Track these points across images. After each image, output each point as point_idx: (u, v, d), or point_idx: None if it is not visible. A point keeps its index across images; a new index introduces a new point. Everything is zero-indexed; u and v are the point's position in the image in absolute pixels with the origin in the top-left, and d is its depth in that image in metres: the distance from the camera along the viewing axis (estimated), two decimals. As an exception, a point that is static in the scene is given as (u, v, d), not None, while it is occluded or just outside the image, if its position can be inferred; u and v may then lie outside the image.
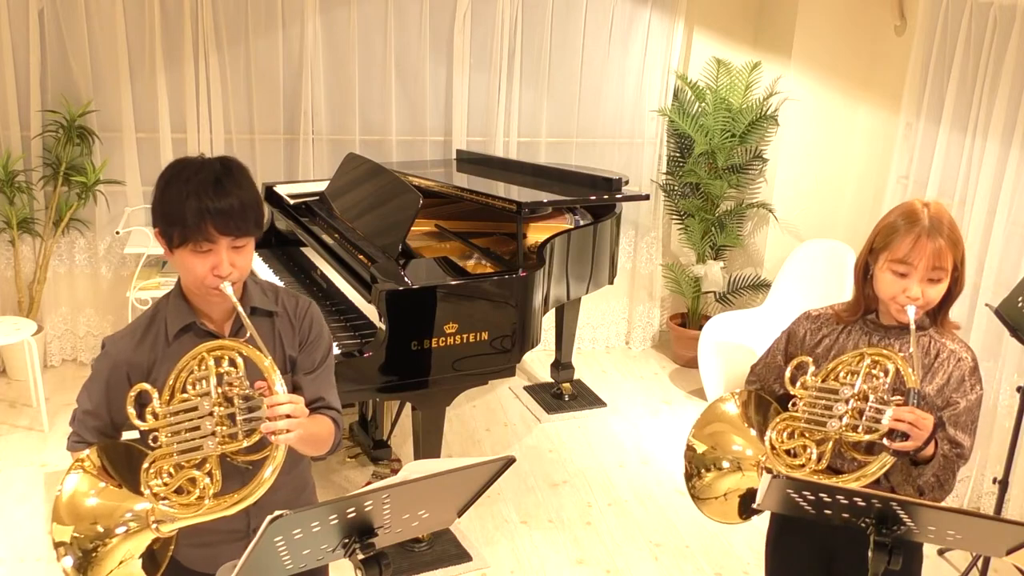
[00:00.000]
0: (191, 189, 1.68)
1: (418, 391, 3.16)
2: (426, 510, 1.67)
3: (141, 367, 1.77)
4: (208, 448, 1.65)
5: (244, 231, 1.72)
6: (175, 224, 1.69)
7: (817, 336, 2.06)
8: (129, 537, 1.65)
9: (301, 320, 1.90)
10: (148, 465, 1.67)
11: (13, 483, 3.69)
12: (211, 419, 1.65)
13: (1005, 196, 3.81)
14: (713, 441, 2.04)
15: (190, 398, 1.68)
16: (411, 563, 3.29)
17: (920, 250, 1.85)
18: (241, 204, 1.70)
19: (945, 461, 1.86)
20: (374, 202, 3.58)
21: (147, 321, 1.82)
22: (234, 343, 1.71)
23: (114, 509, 1.66)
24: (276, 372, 1.68)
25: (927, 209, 1.89)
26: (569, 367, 4.70)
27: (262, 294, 1.87)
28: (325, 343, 1.93)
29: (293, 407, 1.66)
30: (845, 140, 5.08)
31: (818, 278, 4.70)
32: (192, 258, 1.71)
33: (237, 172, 1.75)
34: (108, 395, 1.78)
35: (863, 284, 2.00)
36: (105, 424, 1.80)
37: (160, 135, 4.49)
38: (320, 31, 4.55)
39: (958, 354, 1.93)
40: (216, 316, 1.82)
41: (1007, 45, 3.81)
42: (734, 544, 3.58)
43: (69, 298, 4.65)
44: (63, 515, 1.64)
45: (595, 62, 4.98)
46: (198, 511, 1.65)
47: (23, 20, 4.21)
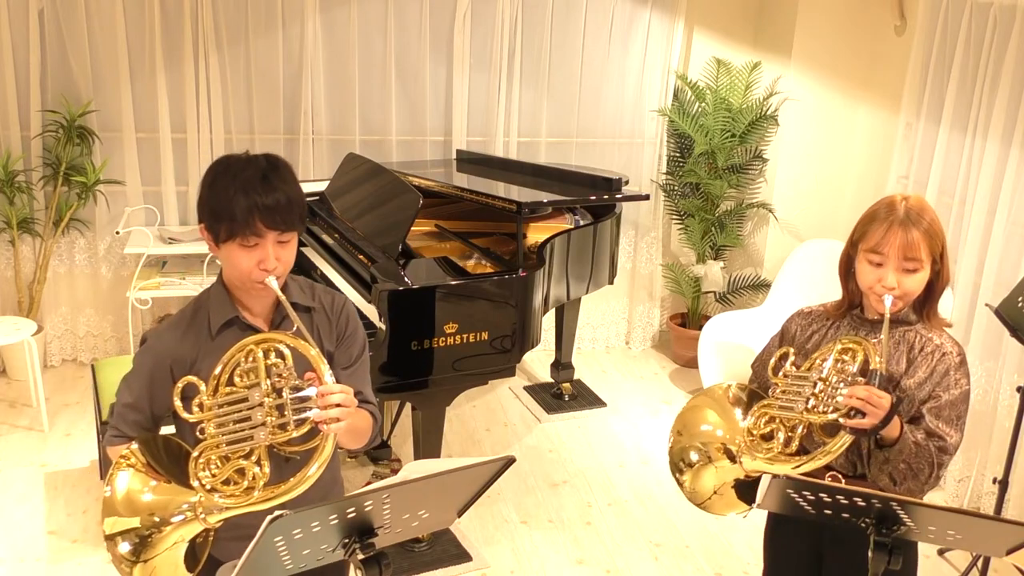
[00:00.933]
0: (239, 185, 1.72)
1: (418, 391, 3.16)
2: (426, 510, 1.68)
3: (184, 361, 1.80)
4: (259, 438, 1.67)
5: (290, 226, 1.77)
6: (223, 219, 1.72)
7: (808, 332, 2.10)
8: (182, 525, 1.68)
9: (338, 316, 1.94)
10: (197, 455, 1.69)
11: (13, 483, 3.70)
12: (261, 409, 1.68)
13: (1005, 196, 3.81)
14: (681, 425, 2.08)
15: (237, 390, 1.71)
16: (411, 563, 3.29)
17: (891, 239, 1.89)
18: (288, 199, 1.75)
19: (918, 450, 1.87)
20: (374, 202, 3.58)
21: (190, 315, 1.85)
22: (281, 335, 1.73)
23: (169, 502, 1.68)
24: (324, 362, 1.71)
25: (905, 201, 1.93)
26: (569, 367, 4.70)
27: (300, 290, 1.91)
28: (361, 338, 1.98)
29: (344, 396, 1.70)
30: (845, 140, 5.08)
31: (818, 278, 4.70)
32: (239, 252, 1.74)
33: (283, 168, 1.80)
34: (151, 389, 1.81)
35: (847, 278, 2.04)
36: (145, 418, 1.83)
37: (160, 135, 4.49)
38: (320, 31, 4.55)
39: (943, 348, 1.94)
40: (257, 310, 1.85)
41: (1007, 45, 3.81)
42: (734, 544, 3.58)
43: (69, 298, 4.65)
44: (120, 509, 1.66)
45: (595, 62, 4.98)
46: (247, 501, 1.67)
47: (23, 20, 4.21)
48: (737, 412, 2.07)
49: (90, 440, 3.99)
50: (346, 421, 1.69)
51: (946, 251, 1.95)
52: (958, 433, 1.91)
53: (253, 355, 1.72)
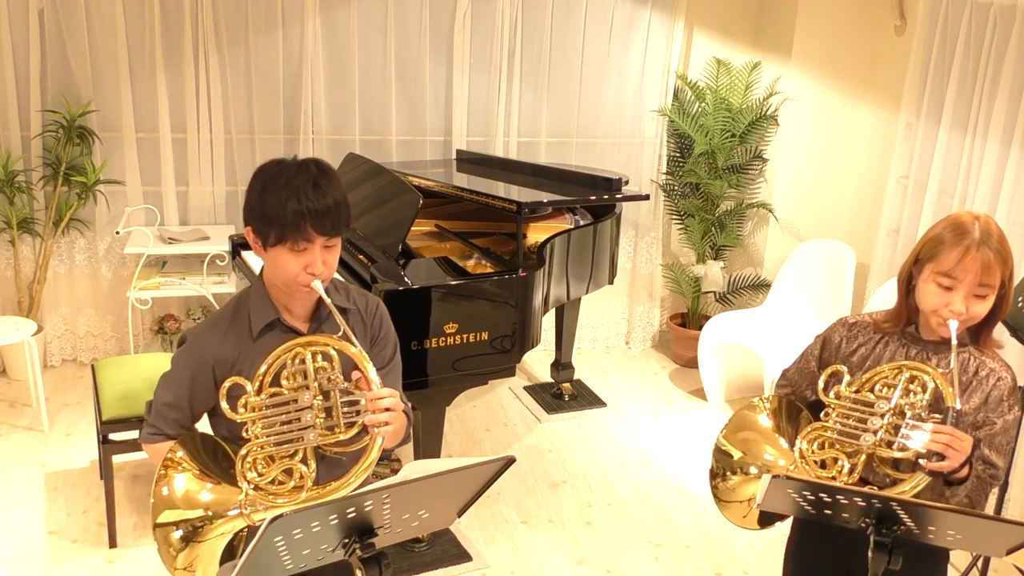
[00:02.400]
0: (291, 191, 1.74)
1: (418, 391, 3.16)
2: (426, 510, 1.68)
3: (227, 362, 1.82)
4: (308, 440, 1.72)
5: (338, 231, 1.80)
6: (273, 224, 1.75)
7: (853, 344, 2.01)
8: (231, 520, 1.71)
9: (372, 317, 1.97)
10: (246, 454, 1.73)
11: (13, 483, 3.69)
12: (311, 412, 1.72)
13: (1005, 196, 3.81)
14: (745, 448, 2.00)
15: (283, 391, 1.74)
16: (411, 563, 3.29)
17: (968, 264, 1.79)
18: (336, 204, 1.77)
19: (978, 482, 1.82)
20: (374, 202, 3.58)
21: (230, 316, 1.87)
22: (326, 338, 1.78)
23: (224, 501, 1.72)
24: (370, 364, 1.76)
25: (977, 222, 1.82)
26: (569, 367, 4.70)
27: (336, 292, 1.93)
28: (393, 340, 2.01)
29: (393, 400, 1.76)
30: (845, 140, 5.08)
31: (818, 278, 4.71)
32: (287, 256, 1.77)
33: (331, 174, 1.82)
34: (192, 388, 1.83)
35: (906, 295, 1.93)
36: (185, 416, 1.85)
37: (160, 135, 4.49)
38: (320, 31, 4.55)
39: (998, 373, 1.87)
40: (298, 312, 1.87)
41: (1007, 45, 3.81)
42: (734, 544, 3.58)
43: (69, 298, 4.65)
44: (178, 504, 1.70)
45: (595, 62, 4.98)
46: (296, 500, 1.72)
47: (23, 20, 4.21)
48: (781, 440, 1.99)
49: (90, 440, 3.99)
50: (394, 424, 1.75)
51: (1013, 274, 1.86)
52: (1006, 460, 1.86)
53: (301, 357, 1.76)
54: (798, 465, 1.91)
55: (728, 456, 2.00)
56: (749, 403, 2.05)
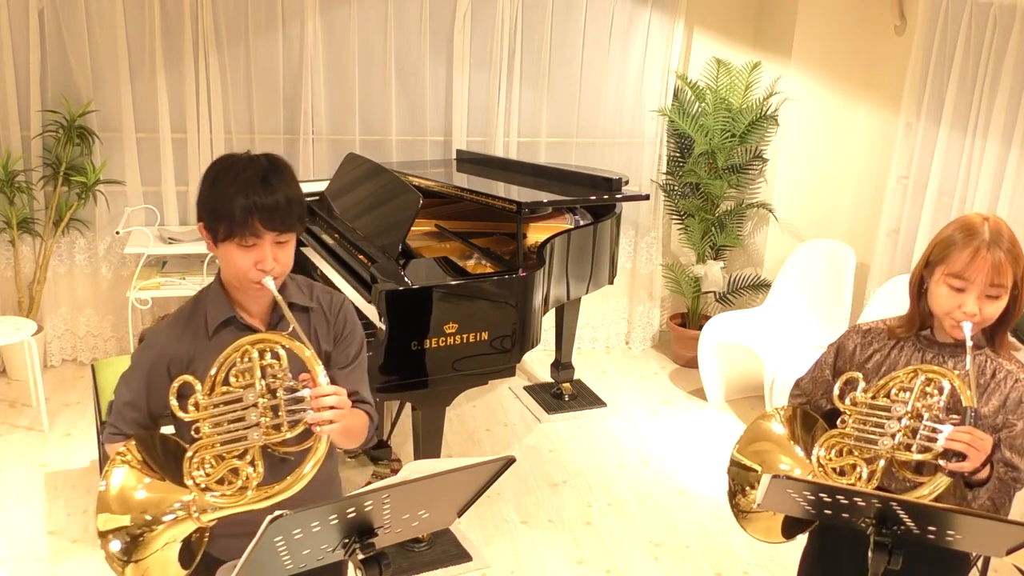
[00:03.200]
0: (239, 185, 1.72)
1: (418, 391, 3.16)
2: (426, 510, 1.68)
3: (182, 359, 1.80)
4: (252, 439, 1.69)
5: (289, 226, 1.77)
6: (222, 219, 1.73)
7: (867, 351, 1.99)
8: (174, 524, 1.68)
9: (336, 315, 1.94)
10: (192, 455, 1.70)
11: (13, 483, 3.69)
12: (255, 410, 1.69)
13: (1005, 196, 3.82)
14: (760, 459, 1.97)
15: (233, 390, 1.71)
16: (411, 563, 3.29)
17: (979, 264, 1.78)
18: (287, 200, 1.75)
19: (1001, 484, 1.80)
20: (374, 202, 3.58)
21: (187, 314, 1.85)
22: (276, 336, 1.74)
23: (161, 500, 1.69)
24: (319, 364, 1.72)
25: (987, 222, 1.82)
26: (569, 367, 4.70)
27: (298, 290, 1.91)
28: (359, 338, 1.98)
29: (337, 398, 1.70)
30: (845, 140, 5.08)
31: (818, 278, 4.71)
32: (237, 252, 1.75)
33: (284, 169, 1.80)
34: (148, 387, 1.82)
35: (918, 299, 1.92)
36: (143, 416, 1.84)
37: (160, 135, 4.49)
38: (320, 31, 4.55)
39: (1015, 375, 1.85)
40: (255, 310, 1.85)
41: (1007, 45, 3.81)
42: (734, 544, 3.58)
43: (69, 298, 4.65)
44: (113, 507, 1.67)
45: (595, 62, 4.98)
46: (240, 501, 1.69)
47: (23, 20, 4.21)
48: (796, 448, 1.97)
49: (90, 440, 3.99)
50: (340, 423, 1.70)
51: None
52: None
53: (248, 355, 1.72)
54: (816, 473, 1.89)
55: (745, 469, 1.97)
56: (763, 414, 2.03)
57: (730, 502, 1.98)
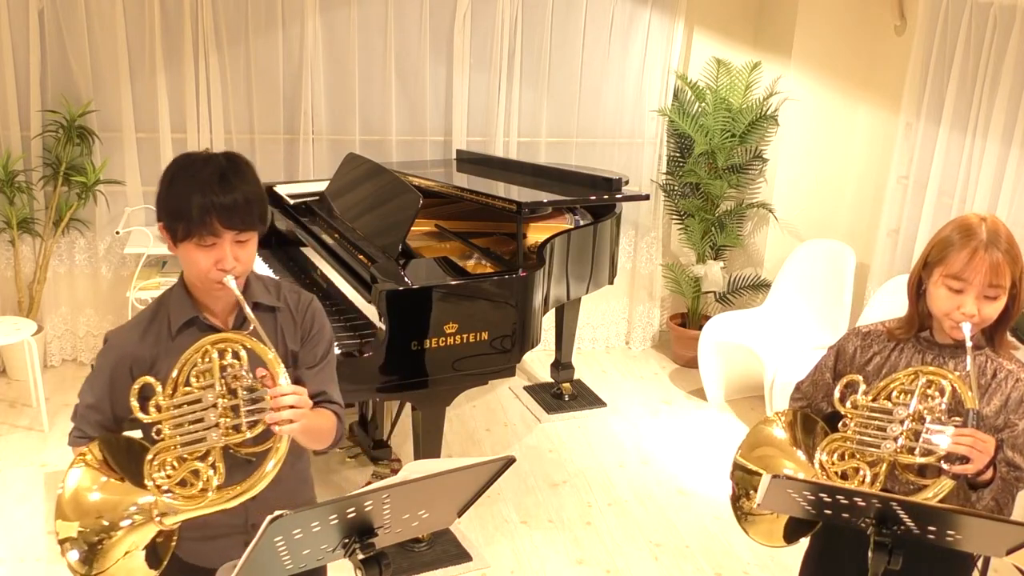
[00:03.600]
0: (196, 184, 1.70)
1: (418, 391, 3.16)
2: (426, 510, 1.67)
3: (144, 361, 1.78)
4: (212, 440, 1.66)
5: (248, 225, 1.74)
6: (180, 218, 1.70)
7: (867, 353, 1.99)
8: (134, 530, 1.66)
9: (303, 315, 1.91)
10: (152, 457, 1.68)
11: (13, 483, 3.69)
12: (215, 411, 1.67)
13: (1005, 196, 3.82)
14: (763, 464, 1.97)
15: (193, 391, 1.69)
16: (411, 563, 3.29)
17: (977, 265, 1.78)
18: (246, 199, 1.72)
19: (1004, 484, 1.80)
20: (374, 202, 3.58)
21: (150, 315, 1.83)
22: (238, 336, 1.72)
23: (118, 503, 1.67)
24: (280, 364, 1.70)
25: (984, 223, 1.82)
26: (569, 367, 4.70)
27: (264, 289, 1.88)
28: (327, 338, 1.95)
29: (296, 398, 1.68)
30: (845, 140, 5.08)
31: (818, 278, 4.70)
32: (196, 252, 1.72)
33: (242, 167, 1.77)
34: (111, 389, 1.79)
35: (917, 300, 1.92)
36: (107, 418, 1.81)
37: (160, 135, 4.49)
38: (320, 31, 4.55)
39: (1016, 374, 1.85)
40: (218, 310, 1.83)
41: (1007, 45, 3.81)
42: (734, 544, 3.58)
43: (69, 298, 4.65)
44: (67, 511, 1.65)
45: (595, 62, 4.98)
46: (201, 503, 1.67)
47: (23, 20, 4.21)
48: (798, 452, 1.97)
49: (90, 440, 3.99)
50: (300, 423, 1.68)
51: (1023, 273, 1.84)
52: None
53: (208, 356, 1.70)
54: (819, 477, 1.89)
55: (748, 473, 1.96)
56: (764, 419, 2.03)
57: (733, 505, 1.97)
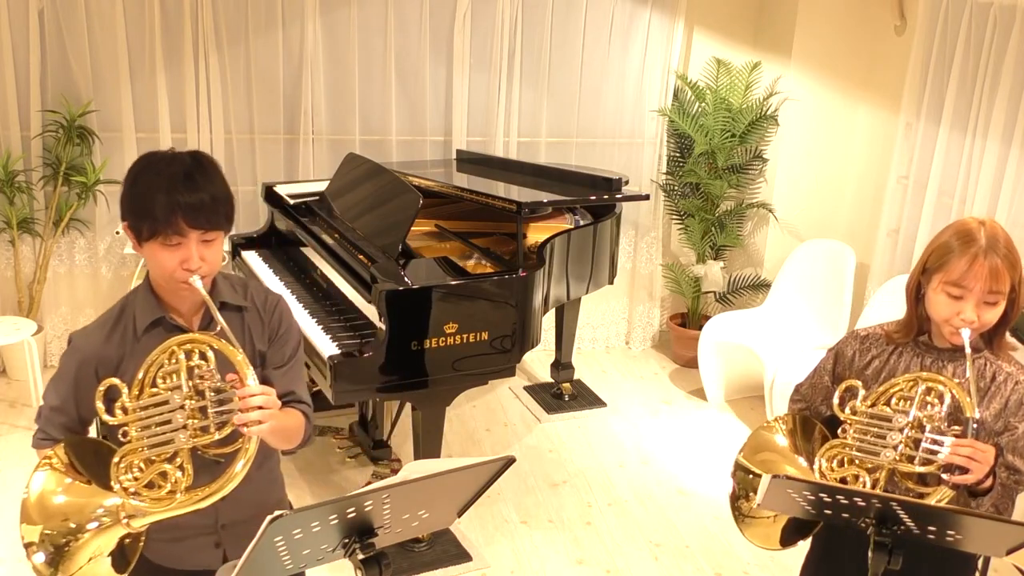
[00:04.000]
0: (161, 183, 1.68)
1: (418, 391, 3.16)
2: (426, 510, 1.67)
3: (110, 362, 1.77)
4: (180, 441, 1.65)
5: (214, 225, 1.73)
6: (145, 218, 1.69)
7: (866, 357, 1.99)
8: (100, 533, 1.65)
9: (271, 315, 1.90)
10: (119, 460, 1.67)
11: (13, 483, 3.69)
12: (182, 412, 1.66)
13: (1005, 196, 3.82)
14: (765, 468, 1.97)
15: (160, 392, 1.68)
16: (411, 563, 3.29)
17: (977, 272, 1.77)
18: (212, 198, 1.71)
19: (1004, 489, 1.80)
20: (374, 202, 3.58)
21: (115, 315, 1.82)
22: (205, 336, 1.71)
23: (84, 505, 1.65)
24: (248, 365, 1.69)
25: (983, 228, 1.81)
26: (569, 367, 4.70)
27: (231, 289, 1.87)
28: (295, 338, 1.94)
29: (265, 399, 1.67)
30: (845, 140, 5.08)
31: (818, 278, 4.70)
32: (162, 251, 1.71)
33: (208, 166, 1.75)
34: (76, 391, 1.78)
35: (916, 305, 1.92)
36: (72, 420, 1.80)
37: (160, 135, 4.49)
38: (320, 31, 4.55)
39: (1015, 377, 1.85)
40: (185, 310, 1.82)
41: (1007, 45, 3.81)
42: (734, 544, 3.58)
43: (69, 298, 4.65)
44: (33, 515, 1.63)
45: (595, 62, 4.98)
46: (170, 505, 1.66)
47: (23, 20, 4.21)
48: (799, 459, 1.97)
49: (90, 440, 3.99)
50: (268, 423, 1.67)
51: (1023, 277, 1.84)
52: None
53: (175, 357, 1.69)
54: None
55: (750, 475, 1.96)
56: (765, 424, 2.03)
57: (732, 505, 1.97)
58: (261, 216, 4.46)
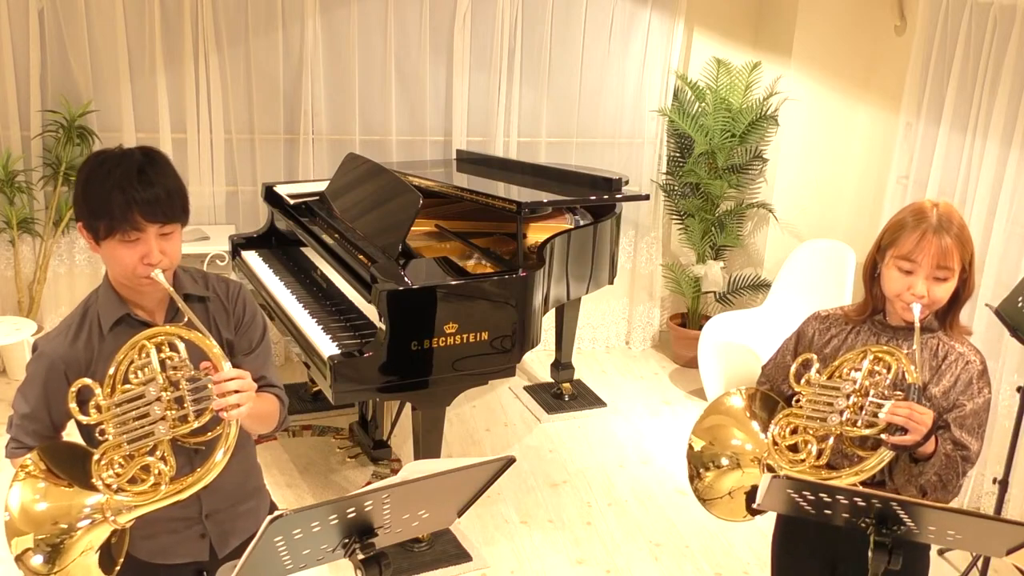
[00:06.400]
0: (114, 181, 1.69)
1: (418, 391, 3.16)
2: (426, 510, 1.68)
3: (79, 364, 1.78)
4: (159, 433, 1.66)
5: (171, 217, 1.74)
6: (101, 216, 1.70)
7: (826, 336, 2.06)
8: (91, 529, 1.66)
9: (234, 303, 1.92)
10: (99, 457, 1.68)
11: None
12: (159, 404, 1.67)
13: (1005, 196, 3.81)
14: (711, 436, 2.05)
15: (134, 387, 1.69)
16: (411, 563, 3.29)
17: (925, 247, 1.84)
18: (167, 192, 1.73)
19: (948, 461, 1.85)
20: (374, 202, 3.58)
21: (79, 318, 1.82)
22: (173, 328, 1.72)
23: (68, 508, 1.66)
24: (217, 348, 1.71)
25: (936, 208, 1.88)
26: (569, 367, 4.70)
27: (192, 280, 1.89)
28: (260, 323, 1.96)
29: (240, 382, 1.69)
30: (845, 140, 5.08)
31: (818, 278, 4.70)
32: (121, 249, 1.72)
33: (160, 161, 1.77)
34: (47, 396, 1.79)
35: (871, 283, 1.99)
36: (44, 426, 1.80)
37: (160, 135, 4.49)
38: (320, 31, 4.55)
39: (966, 357, 1.91)
40: (148, 305, 1.83)
41: (1007, 45, 3.81)
42: (734, 544, 3.58)
43: (69, 298, 4.65)
44: (19, 527, 1.63)
45: (595, 62, 4.98)
46: (154, 498, 1.67)
47: (23, 20, 4.21)
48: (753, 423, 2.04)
49: (90, 440, 3.99)
50: (246, 406, 1.68)
51: (974, 259, 1.91)
52: (979, 442, 1.90)
53: (145, 351, 1.70)
54: (770, 451, 1.97)
55: (696, 451, 2.05)
56: (725, 391, 2.12)
57: (692, 487, 2.03)
58: (261, 216, 4.45)
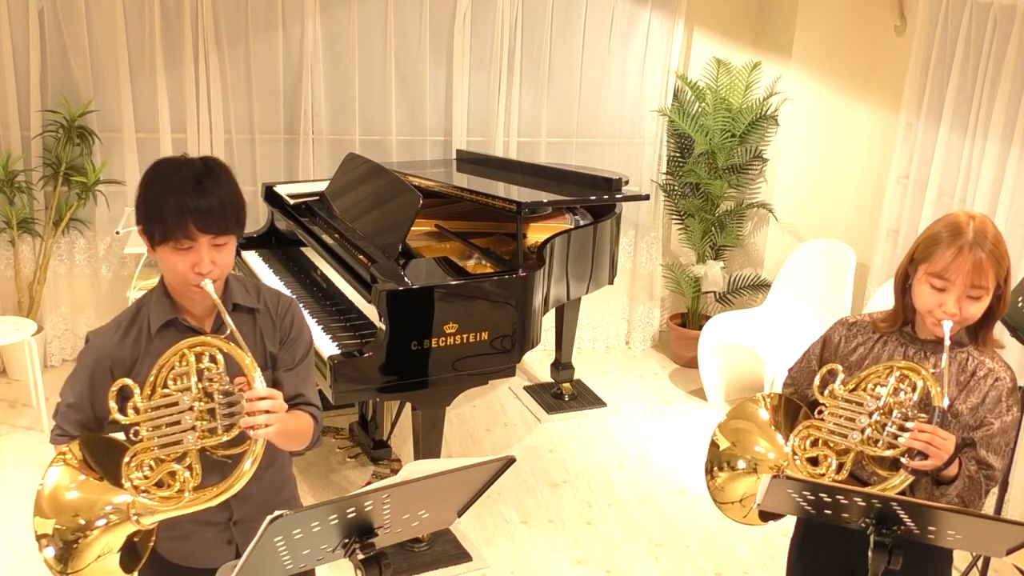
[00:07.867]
0: (172, 188, 1.71)
1: (418, 391, 3.16)
2: (426, 510, 1.68)
3: (124, 361, 1.80)
4: (188, 442, 1.68)
5: (224, 229, 1.75)
6: (156, 222, 1.72)
7: (852, 344, 2.02)
8: (109, 530, 1.67)
9: (283, 317, 1.93)
10: (129, 459, 1.70)
11: (13, 483, 3.69)
12: (191, 414, 1.68)
13: (1005, 196, 3.81)
14: (735, 437, 2.01)
15: (171, 393, 1.71)
16: (411, 563, 3.29)
17: (960, 265, 1.78)
18: (221, 203, 1.74)
19: (971, 482, 1.81)
20: (374, 202, 3.58)
21: (131, 316, 1.85)
22: (215, 340, 1.73)
23: (95, 502, 1.68)
24: (256, 368, 1.72)
25: (972, 222, 1.81)
26: (569, 367, 4.70)
27: (244, 291, 1.90)
28: (306, 340, 1.96)
29: (271, 402, 1.70)
30: (845, 140, 5.08)
31: (818, 278, 4.71)
32: (173, 255, 1.74)
33: (219, 171, 1.78)
34: (92, 389, 1.80)
35: (902, 294, 1.94)
36: (88, 418, 1.82)
37: (160, 135, 4.49)
38: (320, 31, 4.55)
39: (996, 373, 1.86)
40: (198, 312, 1.84)
41: (1007, 45, 3.81)
42: (734, 544, 3.58)
43: (69, 298, 4.65)
44: (45, 508, 1.66)
45: (595, 62, 4.98)
46: (178, 504, 1.69)
47: (23, 20, 4.21)
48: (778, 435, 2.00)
49: (90, 440, 3.99)
50: (274, 427, 1.70)
51: (1010, 274, 1.84)
52: (1004, 460, 1.85)
53: (186, 359, 1.72)
54: (790, 461, 1.93)
55: (717, 448, 2.02)
56: (752, 397, 2.06)
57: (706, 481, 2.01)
58: (261, 216, 4.45)
